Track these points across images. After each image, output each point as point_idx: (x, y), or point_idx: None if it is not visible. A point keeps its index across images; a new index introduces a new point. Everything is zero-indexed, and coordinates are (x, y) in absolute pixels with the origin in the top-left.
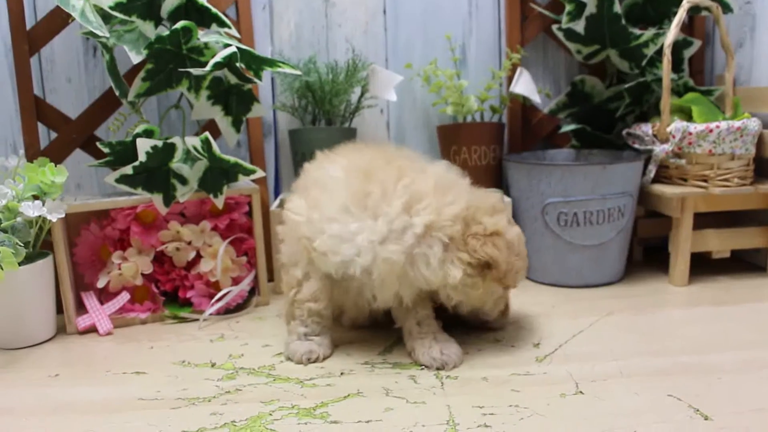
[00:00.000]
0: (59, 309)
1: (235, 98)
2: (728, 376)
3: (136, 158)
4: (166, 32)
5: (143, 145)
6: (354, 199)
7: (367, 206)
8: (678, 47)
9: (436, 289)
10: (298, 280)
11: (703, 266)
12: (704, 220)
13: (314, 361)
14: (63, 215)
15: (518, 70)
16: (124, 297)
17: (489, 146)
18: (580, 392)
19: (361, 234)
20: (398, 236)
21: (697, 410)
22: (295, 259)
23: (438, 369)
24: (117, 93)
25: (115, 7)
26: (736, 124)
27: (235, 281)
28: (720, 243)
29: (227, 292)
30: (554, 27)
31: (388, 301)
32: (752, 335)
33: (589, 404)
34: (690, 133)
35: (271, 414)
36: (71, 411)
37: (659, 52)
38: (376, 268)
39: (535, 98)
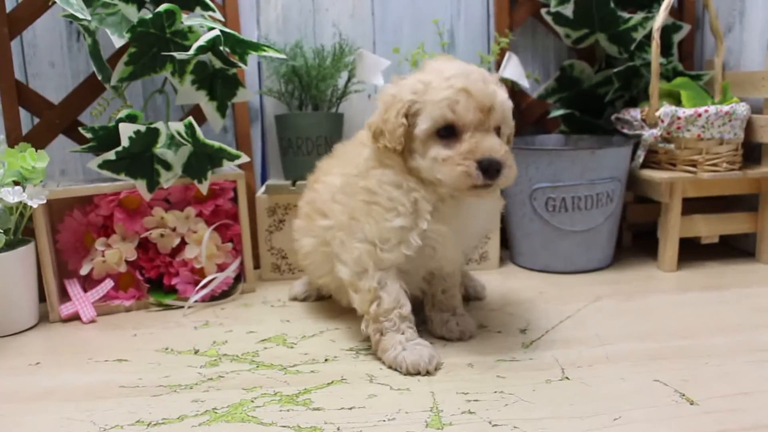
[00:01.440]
0: (42, 297)
1: (220, 83)
2: (715, 360)
3: (119, 143)
4: (149, 15)
5: (126, 130)
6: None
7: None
8: (667, 31)
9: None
10: (374, 291)
11: (692, 251)
12: (693, 206)
13: (437, 368)
14: (44, 201)
15: (507, 54)
16: (108, 284)
17: None
18: (566, 378)
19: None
20: None
21: (683, 394)
22: (359, 269)
23: (458, 339)
24: (100, 77)
25: None
26: (725, 108)
27: (221, 268)
28: (709, 228)
29: (212, 279)
30: (543, 11)
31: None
32: (740, 319)
33: (574, 389)
34: (679, 118)
35: (253, 401)
36: (52, 398)
37: (648, 36)
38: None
39: (524, 83)
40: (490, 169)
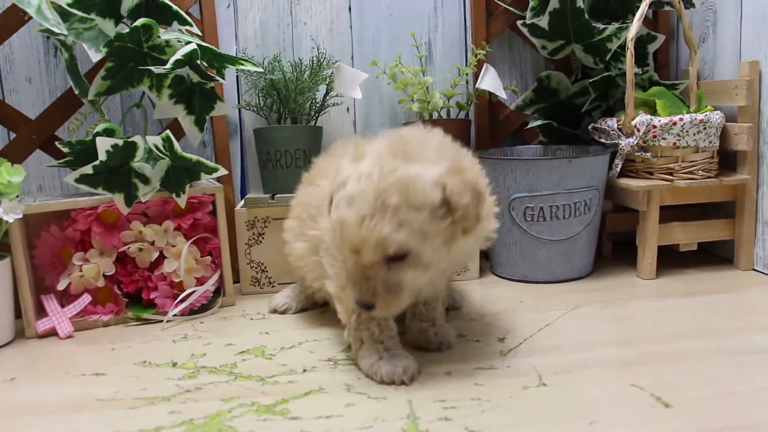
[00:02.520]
0: (18, 313)
1: (197, 97)
2: (692, 364)
3: (96, 158)
4: (127, 30)
5: (103, 144)
6: None
7: None
8: (642, 42)
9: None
10: None
11: (670, 259)
12: (671, 214)
13: (412, 378)
14: (20, 216)
15: (484, 66)
16: (86, 299)
17: (455, 142)
18: (543, 384)
19: None
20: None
21: (659, 398)
22: (340, 283)
23: (437, 350)
24: (77, 92)
25: (73, 4)
26: (699, 116)
27: (200, 281)
28: (687, 236)
29: (191, 293)
30: (519, 23)
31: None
32: (718, 324)
33: (551, 396)
34: (654, 126)
35: (230, 411)
36: (27, 413)
37: (623, 47)
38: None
39: (501, 94)
40: (362, 305)
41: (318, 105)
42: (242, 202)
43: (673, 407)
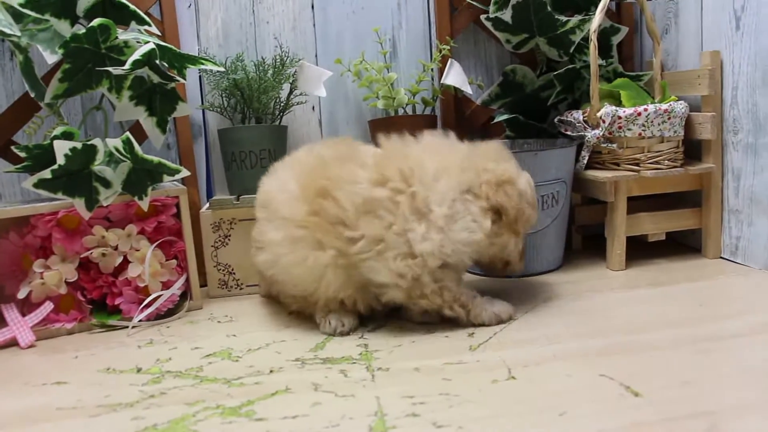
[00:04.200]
0: None
1: (158, 98)
2: (661, 353)
3: (55, 162)
4: (83, 30)
5: (61, 148)
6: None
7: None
8: (606, 34)
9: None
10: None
11: (639, 250)
12: (640, 205)
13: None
14: None
15: (449, 61)
16: (48, 307)
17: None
18: (512, 377)
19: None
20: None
21: (628, 387)
22: (411, 281)
23: (441, 322)
24: (33, 95)
25: (26, 5)
26: (663, 106)
27: (166, 285)
28: (655, 226)
29: (157, 297)
30: (482, 17)
31: None
32: (687, 313)
33: (520, 388)
34: (620, 117)
35: (194, 415)
36: None
37: (587, 39)
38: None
39: (467, 89)
40: None
41: (282, 104)
42: (207, 203)
43: (642, 396)
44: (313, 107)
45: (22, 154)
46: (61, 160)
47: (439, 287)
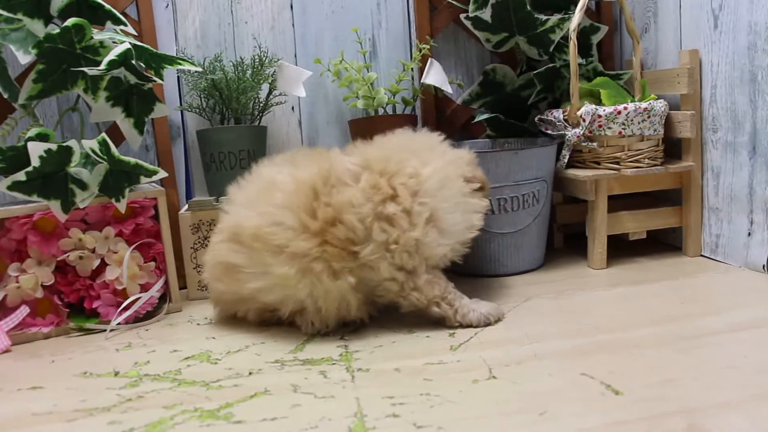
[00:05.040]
0: None
1: (136, 99)
2: (643, 351)
3: (30, 164)
4: (57, 30)
5: (36, 149)
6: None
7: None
8: (586, 33)
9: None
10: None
11: (621, 248)
12: (620, 203)
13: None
14: None
15: (429, 61)
16: (24, 311)
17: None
18: (493, 377)
19: None
20: None
21: (609, 386)
22: (406, 274)
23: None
24: (6, 96)
25: None
26: (643, 105)
27: (144, 288)
28: (636, 224)
29: (135, 300)
30: (462, 16)
31: None
32: (668, 311)
33: (501, 388)
34: (600, 116)
35: (172, 419)
36: None
37: (566, 38)
38: None
39: (447, 88)
40: None
41: (261, 105)
42: (186, 205)
43: (623, 394)
44: (293, 107)
45: None
46: (35, 162)
47: (429, 280)
